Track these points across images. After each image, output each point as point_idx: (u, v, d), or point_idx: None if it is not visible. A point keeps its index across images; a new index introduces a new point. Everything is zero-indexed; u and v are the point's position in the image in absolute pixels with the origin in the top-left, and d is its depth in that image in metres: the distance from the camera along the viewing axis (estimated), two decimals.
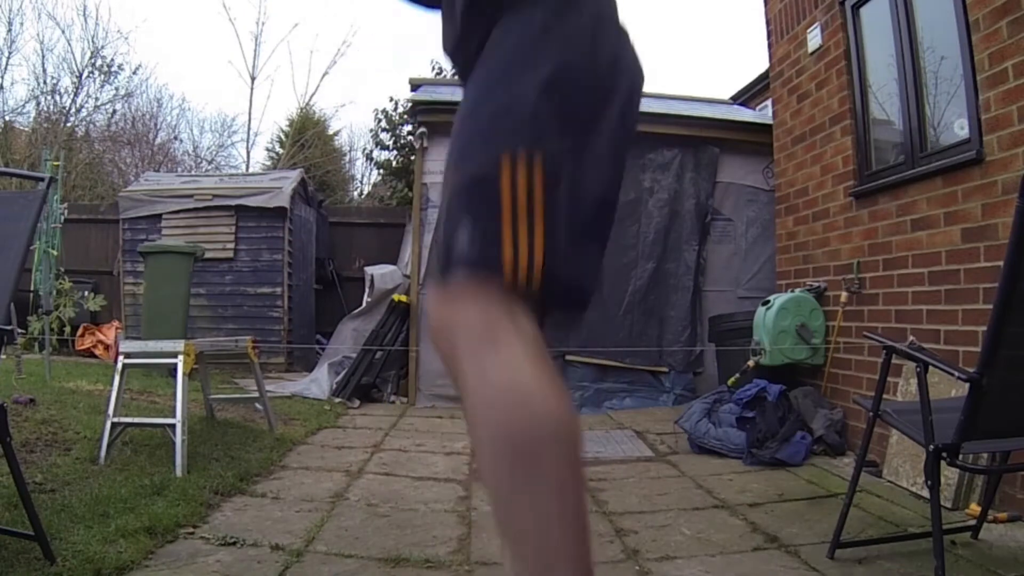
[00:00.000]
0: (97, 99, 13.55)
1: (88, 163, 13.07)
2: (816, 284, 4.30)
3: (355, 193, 17.96)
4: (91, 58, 13.19)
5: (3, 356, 4.69)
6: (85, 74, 13.13)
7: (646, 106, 5.38)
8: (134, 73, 14.67)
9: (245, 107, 23.15)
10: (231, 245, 7.10)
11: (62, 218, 5.84)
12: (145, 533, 2.15)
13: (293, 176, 7.71)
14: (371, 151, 13.46)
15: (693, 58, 34.36)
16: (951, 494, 2.70)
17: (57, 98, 12.93)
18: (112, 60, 13.56)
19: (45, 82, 12.82)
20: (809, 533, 2.44)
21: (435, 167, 5.65)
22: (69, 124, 12.90)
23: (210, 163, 16.00)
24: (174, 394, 3.12)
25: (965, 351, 2.93)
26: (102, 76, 13.32)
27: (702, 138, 5.81)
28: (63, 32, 18.65)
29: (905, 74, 3.54)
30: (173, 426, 3.00)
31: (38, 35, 20.70)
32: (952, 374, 1.82)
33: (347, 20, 30.11)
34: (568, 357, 5.55)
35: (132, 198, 7.34)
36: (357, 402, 5.41)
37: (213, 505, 2.58)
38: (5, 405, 1.86)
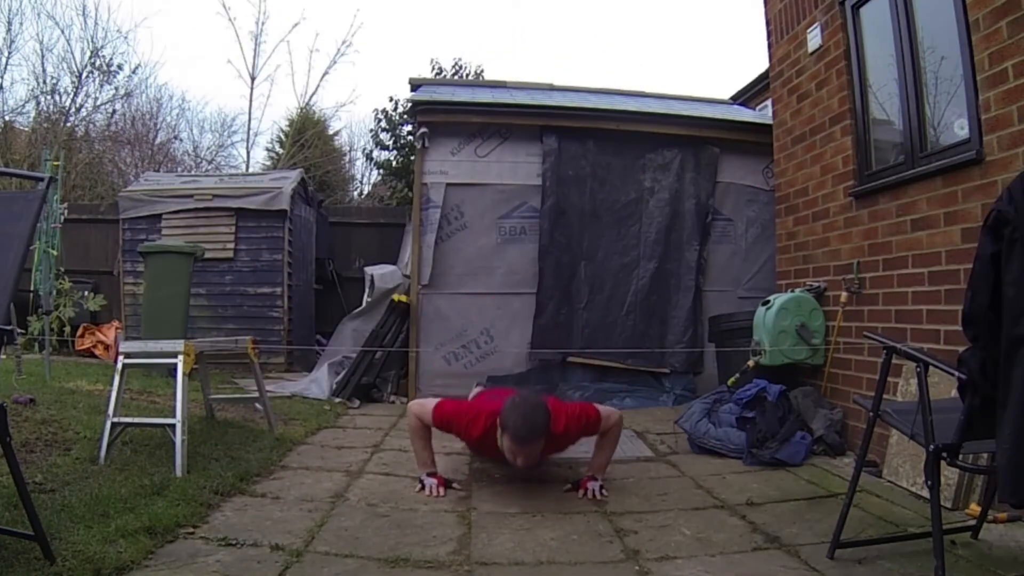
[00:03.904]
0: (97, 99, 13.53)
1: (88, 163, 13.03)
2: (816, 284, 4.30)
3: (355, 193, 17.93)
4: (91, 58, 13.17)
5: (3, 356, 4.69)
6: (85, 74, 13.10)
7: (646, 106, 5.39)
8: (133, 73, 14.51)
9: (245, 107, 23.10)
10: (231, 245, 7.09)
11: (62, 218, 5.84)
12: (145, 533, 2.16)
13: (293, 176, 7.70)
14: (371, 151, 13.46)
15: (693, 58, 34.37)
16: (951, 494, 2.70)
17: (57, 98, 12.90)
18: (111, 60, 13.54)
19: (45, 82, 12.79)
20: (809, 533, 2.44)
21: (435, 167, 5.65)
22: (69, 124, 12.88)
23: (210, 163, 15.96)
24: (174, 394, 3.12)
25: None
26: (102, 76, 13.29)
27: (702, 138, 5.81)
28: (63, 32, 18.53)
29: (905, 74, 3.54)
30: (173, 426, 3.01)
31: (38, 35, 20.64)
32: (952, 374, 1.82)
33: (347, 20, 29.93)
34: (569, 359, 5.55)
35: (132, 198, 7.33)
36: (357, 402, 5.40)
37: (213, 505, 2.58)
38: (5, 405, 1.86)
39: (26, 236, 2.02)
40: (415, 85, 7.07)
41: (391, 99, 12.93)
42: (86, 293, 7.45)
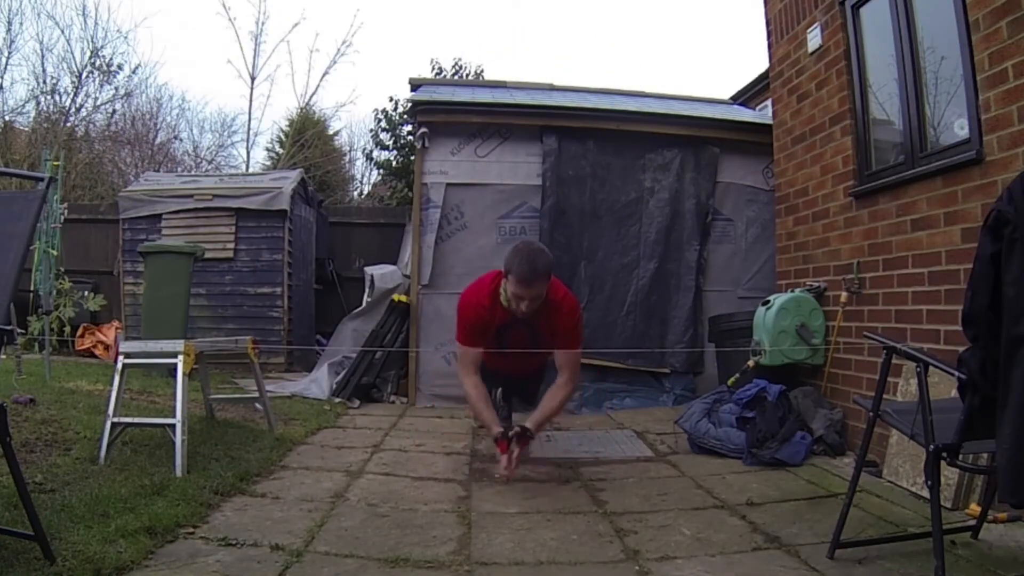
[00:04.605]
0: (97, 99, 13.53)
1: (88, 163, 13.03)
2: (816, 284, 4.30)
3: (355, 193, 17.93)
4: (91, 58, 13.17)
5: (3, 356, 4.69)
6: (84, 74, 13.10)
7: (646, 106, 5.39)
8: (133, 73, 14.50)
9: (245, 107, 23.12)
10: (231, 245, 7.09)
11: (62, 218, 5.83)
12: (145, 533, 2.16)
13: (293, 176, 7.70)
14: (371, 151, 13.47)
15: (693, 58, 34.37)
16: (951, 494, 2.70)
17: (57, 98, 12.90)
18: (111, 60, 13.54)
19: (45, 82, 12.78)
20: (809, 533, 2.44)
21: (435, 167, 5.65)
22: (69, 124, 12.87)
23: (210, 163, 15.95)
24: (174, 394, 3.12)
25: None
26: (102, 76, 13.29)
27: (702, 138, 5.81)
28: (62, 32, 18.54)
29: (905, 74, 3.54)
30: (173, 426, 3.01)
31: (38, 35, 20.66)
32: (952, 374, 1.82)
33: (347, 20, 29.94)
34: None
35: (132, 198, 7.33)
36: (357, 402, 5.40)
37: (213, 505, 2.58)
38: (5, 405, 1.86)
39: (26, 236, 2.02)
40: (415, 85, 7.07)
41: (391, 99, 12.95)
42: (86, 293, 7.45)
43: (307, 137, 14.95)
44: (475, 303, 3.18)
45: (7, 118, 12.42)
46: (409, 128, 11.36)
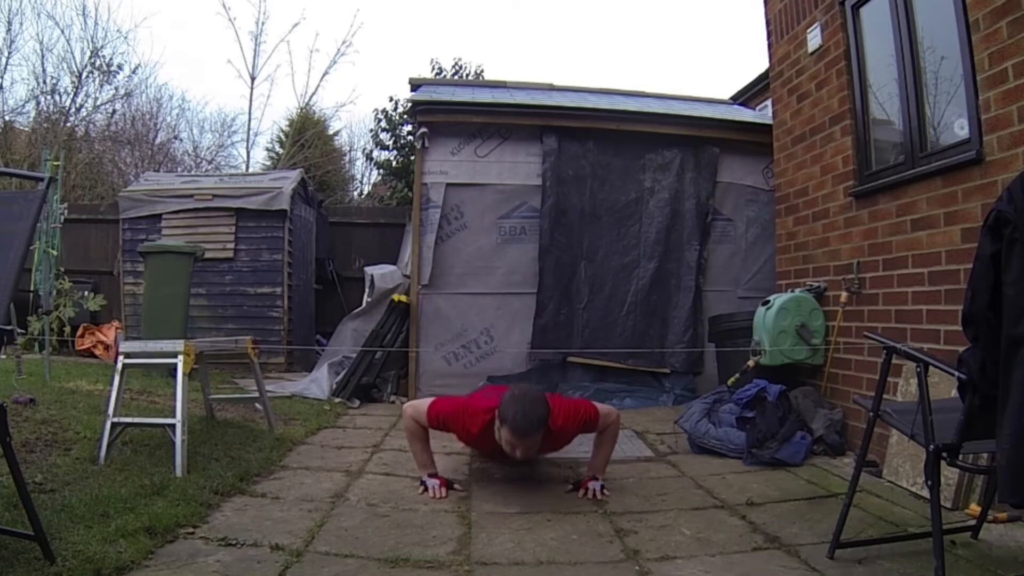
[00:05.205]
0: (97, 99, 13.52)
1: (88, 163, 13.02)
2: (816, 284, 4.30)
3: (355, 193, 17.91)
4: (91, 58, 13.16)
5: (3, 356, 4.69)
6: (85, 74, 13.09)
7: (646, 106, 5.38)
8: (133, 72, 14.48)
9: (245, 107, 23.15)
10: (231, 245, 7.09)
11: (62, 218, 5.83)
12: (145, 533, 2.16)
13: (293, 176, 7.70)
14: (371, 151, 13.48)
15: (693, 58, 34.36)
16: (951, 494, 2.70)
17: (57, 98, 12.89)
18: (111, 60, 13.53)
19: (45, 82, 12.78)
20: (809, 533, 2.45)
21: (435, 167, 5.65)
22: (69, 124, 12.86)
23: (210, 163, 15.93)
24: (174, 394, 3.12)
25: None
26: (102, 76, 13.28)
27: (702, 138, 5.81)
28: (63, 32, 18.49)
29: (905, 74, 3.54)
30: (173, 426, 3.01)
31: (38, 35, 20.62)
32: (952, 374, 1.81)
33: (347, 20, 29.94)
34: (569, 359, 5.55)
35: (132, 198, 7.33)
36: (357, 402, 5.40)
37: (213, 505, 2.59)
38: (5, 405, 1.86)
39: (26, 236, 2.02)
40: (415, 85, 7.07)
41: (391, 99, 12.96)
42: (86, 293, 7.45)
43: (307, 137, 14.94)
44: (462, 424, 2.94)
45: (7, 118, 12.42)
46: (409, 128, 11.37)
